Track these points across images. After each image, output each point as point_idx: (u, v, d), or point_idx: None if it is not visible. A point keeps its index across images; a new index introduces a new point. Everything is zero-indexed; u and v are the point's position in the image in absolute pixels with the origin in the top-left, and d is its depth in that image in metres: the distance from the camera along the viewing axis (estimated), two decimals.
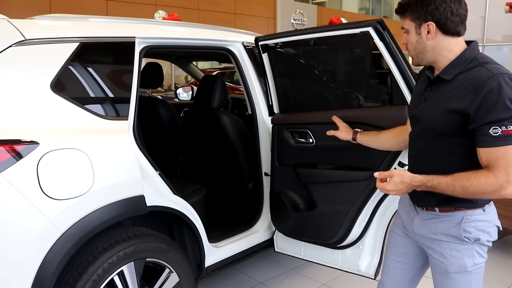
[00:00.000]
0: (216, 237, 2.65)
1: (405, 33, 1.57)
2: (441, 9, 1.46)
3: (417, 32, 1.52)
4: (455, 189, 1.45)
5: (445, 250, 1.61)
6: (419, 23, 1.51)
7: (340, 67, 2.76)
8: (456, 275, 1.60)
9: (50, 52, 1.91)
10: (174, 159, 3.46)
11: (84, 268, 1.87)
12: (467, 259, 1.58)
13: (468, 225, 1.56)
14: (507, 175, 1.38)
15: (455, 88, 1.48)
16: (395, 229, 1.86)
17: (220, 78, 3.05)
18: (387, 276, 1.88)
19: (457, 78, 1.49)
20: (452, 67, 1.50)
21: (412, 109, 1.71)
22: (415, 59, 1.58)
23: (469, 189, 1.42)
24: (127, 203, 1.98)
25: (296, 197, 2.64)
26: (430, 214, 1.65)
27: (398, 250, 1.83)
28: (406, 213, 1.78)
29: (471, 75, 1.45)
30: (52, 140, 1.77)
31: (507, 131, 1.37)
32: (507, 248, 3.75)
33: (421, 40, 1.52)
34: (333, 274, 3.12)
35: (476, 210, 1.57)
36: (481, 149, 1.43)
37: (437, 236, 1.62)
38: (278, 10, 14.33)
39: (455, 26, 1.49)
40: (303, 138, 2.58)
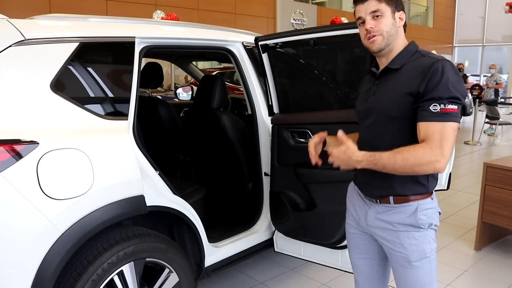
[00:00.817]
0: (216, 237, 2.65)
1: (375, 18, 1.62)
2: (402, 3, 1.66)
3: (393, 16, 1.62)
4: (395, 162, 1.51)
5: (404, 240, 1.66)
6: (395, 9, 1.63)
7: (340, 67, 2.76)
8: (418, 263, 1.66)
9: (50, 52, 1.91)
10: (174, 159, 3.46)
11: (84, 268, 1.87)
12: (425, 245, 1.65)
13: (422, 213, 1.64)
14: (441, 149, 1.47)
15: (402, 75, 1.61)
16: (350, 229, 1.89)
17: (220, 78, 3.05)
18: (359, 274, 1.93)
19: (404, 68, 1.62)
20: (399, 58, 1.64)
21: (360, 105, 1.79)
22: (384, 41, 1.63)
23: (409, 160, 1.49)
24: (127, 203, 1.98)
25: (296, 197, 2.64)
26: (384, 207, 1.69)
27: (360, 247, 1.87)
28: (356, 209, 1.83)
29: (417, 63, 1.59)
30: (52, 140, 1.77)
31: (445, 109, 1.48)
32: (506, 248, 3.76)
33: (395, 24, 1.63)
34: (333, 274, 3.12)
35: (426, 199, 1.66)
36: (420, 123, 1.52)
37: (393, 226, 1.67)
38: (278, 10, 14.32)
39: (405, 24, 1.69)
40: (303, 138, 2.58)
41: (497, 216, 3.53)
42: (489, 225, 3.64)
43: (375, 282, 1.90)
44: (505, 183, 3.42)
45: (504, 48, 20.19)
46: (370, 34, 1.63)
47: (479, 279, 3.24)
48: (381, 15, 1.61)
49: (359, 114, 1.81)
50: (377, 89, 1.69)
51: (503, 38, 20.20)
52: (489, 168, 3.54)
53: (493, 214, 3.55)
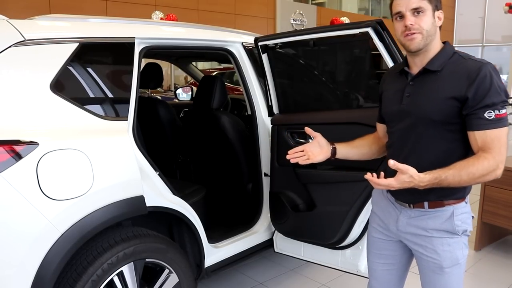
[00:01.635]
0: (216, 237, 2.65)
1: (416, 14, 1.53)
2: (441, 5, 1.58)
3: (433, 15, 1.56)
4: (461, 178, 1.46)
5: (437, 246, 1.62)
6: (435, 7, 1.56)
7: (340, 67, 2.76)
8: (450, 269, 1.62)
9: (50, 52, 1.91)
10: (174, 160, 3.46)
11: (84, 268, 1.87)
12: (458, 252, 1.62)
13: (458, 218, 1.61)
14: (501, 155, 1.46)
15: (445, 78, 1.54)
16: (374, 233, 1.84)
17: (220, 78, 3.05)
18: (375, 279, 1.88)
19: (444, 70, 1.55)
20: (438, 59, 1.57)
21: (392, 106, 1.69)
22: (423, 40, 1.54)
23: (476, 174, 1.45)
24: (127, 203, 1.98)
25: (295, 198, 2.64)
26: (417, 212, 1.65)
27: (382, 253, 1.82)
28: (385, 213, 1.77)
29: (459, 66, 1.53)
30: (51, 141, 1.77)
31: (500, 115, 1.46)
32: (506, 248, 3.76)
33: (435, 23, 1.57)
34: (333, 274, 3.12)
35: (461, 203, 1.62)
36: (476, 132, 1.48)
37: (428, 232, 1.63)
38: (277, 10, 14.32)
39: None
40: (303, 139, 2.58)
41: (496, 216, 3.53)
42: (489, 225, 3.64)
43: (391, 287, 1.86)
44: (505, 184, 3.42)
45: (504, 48, 20.19)
46: (409, 31, 1.53)
47: (479, 279, 3.24)
48: (423, 12, 1.53)
49: (390, 115, 1.73)
50: (413, 90, 1.61)
51: (503, 39, 20.20)
52: None
53: (492, 214, 3.55)
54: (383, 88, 1.82)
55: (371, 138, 1.93)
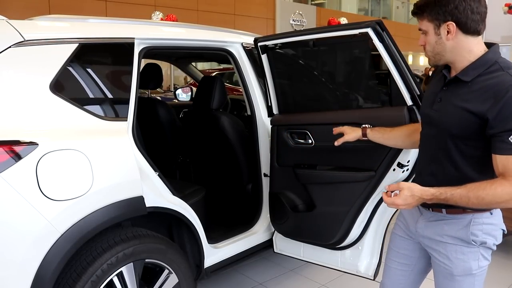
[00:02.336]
0: (216, 238, 2.65)
1: (423, 34, 1.53)
2: (461, 8, 1.42)
3: (436, 33, 1.48)
4: (469, 200, 1.40)
5: (450, 253, 1.59)
6: (438, 23, 1.46)
7: (339, 68, 2.76)
8: (461, 278, 1.58)
9: (49, 53, 1.91)
10: (173, 160, 3.46)
11: (83, 269, 1.87)
12: (472, 262, 1.57)
13: (476, 228, 1.54)
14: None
15: (474, 91, 1.44)
16: (397, 231, 1.84)
17: (219, 79, 3.05)
18: (388, 278, 1.86)
19: (476, 81, 1.45)
20: (473, 68, 1.46)
21: (425, 108, 1.65)
22: (432, 59, 1.55)
23: (485, 199, 1.39)
24: (126, 204, 1.98)
25: (295, 198, 2.64)
26: (436, 215, 1.62)
27: (400, 251, 1.81)
28: (410, 213, 1.75)
29: (492, 79, 1.42)
30: (51, 141, 1.77)
31: None
32: (507, 249, 3.75)
33: (441, 41, 1.48)
34: (332, 275, 3.12)
35: (484, 213, 1.54)
36: (498, 156, 1.40)
37: (443, 238, 1.60)
38: (277, 11, 14.34)
39: (476, 25, 1.45)
40: (302, 139, 2.58)
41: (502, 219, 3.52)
42: None
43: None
44: None
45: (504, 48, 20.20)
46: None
47: None
48: (425, 33, 1.51)
49: (422, 117, 1.69)
50: (444, 97, 1.54)
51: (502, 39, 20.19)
52: None
53: None
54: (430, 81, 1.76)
55: (409, 131, 1.90)
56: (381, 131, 1.99)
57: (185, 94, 4.51)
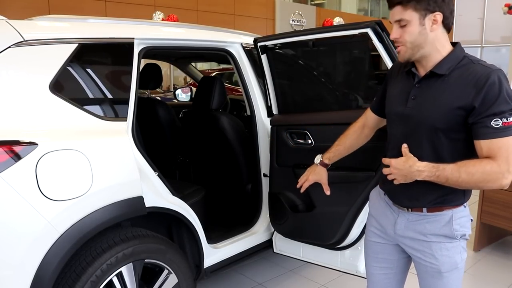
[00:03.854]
0: (215, 238, 2.65)
1: (401, 26, 1.51)
2: (446, 2, 1.49)
3: (421, 23, 1.48)
4: (460, 176, 1.43)
5: (436, 251, 1.60)
6: (424, 13, 1.47)
7: (339, 68, 2.76)
8: (448, 274, 1.61)
9: (49, 53, 1.91)
10: (173, 160, 3.46)
11: (83, 269, 1.87)
12: (457, 256, 1.61)
13: (456, 222, 1.59)
14: (508, 164, 1.41)
15: (452, 84, 1.48)
16: (372, 237, 1.82)
17: (219, 79, 3.05)
18: (374, 284, 1.86)
19: (452, 74, 1.50)
20: (446, 62, 1.51)
21: (396, 107, 1.64)
22: (407, 52, 1.53)
23: (475, 175, 1.42)
24: (126, 204, 1.98)
25: (295, 198, 2.64)
26: (416, 215, 1.63)
27: (379, 256, 1.80)
28: (382, 216, 1.75)
29: (467, 71, 1.47)
30: (50, 141, 1.77)
31: (508, 123, 1.40)
32: (505, 249, 3.76)
33: (424, 31, 1.49)
34: (332, 275, 3.12)
35: (460, 207, 1.60)
36: (482, 141, 1.44)
37: (426, 237, 1.61)
38: (277, 11, 14.34)
39: (450, 21, 1.53)
40: (302, 139, 2.58)
41: (496, 217, 3.53)
42: (488, 226, 3.64)
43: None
44: None
45: (503, 49, 20.20)
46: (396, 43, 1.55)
47: (479, 280, 3.24)
48: (406, 24, 1.49)
49: (393, 116, 1.68)
50: (419, 93, 1.56)
51: (502, 39, 20.21)
52: None
53: (492, 215, 3.55)
54: (389, 83, 1.75)
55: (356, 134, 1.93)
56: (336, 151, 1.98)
57: (184, 94, 4.52)
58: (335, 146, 1.98)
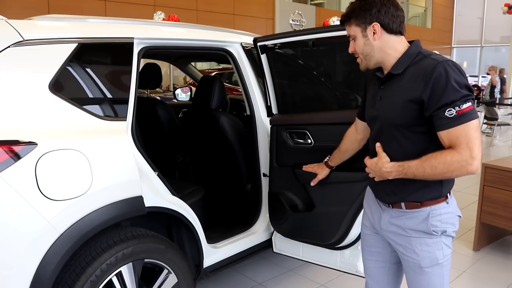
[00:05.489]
0: (215, 237, 2.65)
1: (352, 41, 1.66)
2: (382, 11, 1.58)
3: (364, 35, 1.61)
4: (424, 170, 1.50)
5: (415, 246, 1.65)
6: (364, 26, 1.60)
7: (339, 68, 2.76)
8: (429, 269, 1.65)
9: (49, 52, 1.91)
10: (173, 160, 3.46)
11: (83, 269, 1.87)
12: (437, 252, 1.64)
13: (435, 219, 1.62)
14: (469, 150, 1.44)
15: (406, 81, 1.56)
16: (364, 230, 1.90)
17: (219, 78, 3.05)
18: (370, 277, 1.92)
19: (406, 72, 1.57)
20: (400, 62, 1.59)
21: (369, 111, 1.76)
22: (363, 62, 1.67)
23: (438, 167, 1.48)
24: (126, 203, 1.98)
25: (294, 198, 2.64)
26: (397, 211, 1.68)
27: (372, 250, 1.87)
28: (372, 211, 1.82)
29: (419, 65, 1.54)
30: (50, 141, 1.77)
31: (461, 110, 1.44)
32: (505, 249, 3.76)
33: (368, 41, 1.61)
34: (332, 275, 3.12)
35: (441, 204, 1.62)
36: (441, 132, 1.49)
37: (406, 232, 1.66)
38: (276, 11, 14.33)
39: (397, 26, 1.60)
40: (302, 139, 2.58)
41: (495, 217, 3.53)
42: (487, 226, 3.64)
43: (386, 286, 1.89)
44: (504, 184, 3.43)
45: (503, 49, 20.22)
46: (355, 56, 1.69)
47: (478, 279, 3.24)
48: (354, 38, 1.64)
49: (368, 120, 1.79)
50: (383, 94, 1.65)
51: (501, 39, 20.23)
52: (488, 169, 3.54)
53: (491, 215, 3.55)
54: (367, 88, 1.85)
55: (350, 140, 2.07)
56: (335, 154, 2.20)
57: (184, 94, 4.52)
58: (335, 151, 2.17)
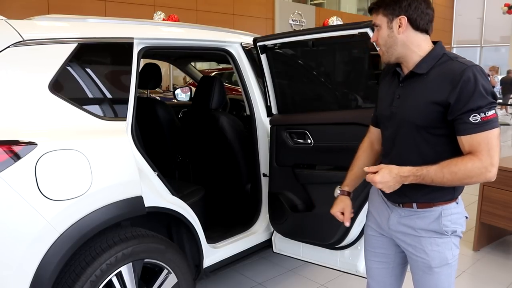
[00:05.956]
0: (215, 238, 2.65)
1: (376, 30, 1.62)
2: (413, 6, 1.54)
3: (389, 27, 1.57)
4: (444, 176, 1.47)
5: (426, 246, 1.64)
6: (391, 17, 1.56)
7: (338, 68, 2.76)
8: (439, 269, 1.64)
9: (49, 52, 1.91)
10: (173, 160, 3.46)
11: (82, 269, 1.87)
12: (447, 252, 1.63)
13: (446, 219, 1.61)
14: (490, 157, 1.44)
15: (430, 81, 1.53)
16: (368, 230, 1.88)
17: (218, 78, 3.05)
18: (372, 278, 1.90)
19: (431, 72, 1.54)
20: (425, 62, 1.56)
21: (384, 109, 1.71)
22: (385, 54, 1.63)
23: (458, 174, 1.46)
24: (125, 204, 1.98)
25: (294, 198, 2.64)
26: (407, 211, 1.67)
27: (376, 251, 1.85)
28: (378, 211, 1.80)
29: (445, 68, 1.51)
30: (50, 141, 1.77)
31: (486, 117, 1.43)
32: (505, 249, 3.76)
33: (392, 34, 1.57)
34: (332, 275, 3.12)
35: (451, 203, 1.62)
36: (463, 137, 1.47)
37: (417, 232, 1.65)
38: (276, 11, 14.34)
39: (424, 23, 1.57)
40: (301, 139, 2.58)
41: (495, 217, 3.53)
42: (487, 226, 3.64)
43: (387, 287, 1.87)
44: (503, 184, 3.43)
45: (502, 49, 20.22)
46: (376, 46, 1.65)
47: (478, 279, 3.24)
48: (378, 27, 1.61)
49: (382, 117, 1.74)
50: (403, 92, 1.61)
51: (501, 39, 20.23)
52: None
53: (491, 215, 3.55)
54: (380, 87, 1.82)
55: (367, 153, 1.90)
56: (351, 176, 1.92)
57: (184, 94, 4.51)
58: (350, 172, 1.93)
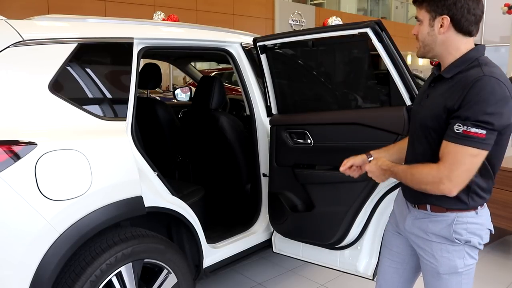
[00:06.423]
0: (215, 238, 2.65)
1: (418, 24, 1.55)
2: (459, 5, 1.44)
3: (430, 24, 1.50)
4: (406, 176, 1.52)
5: (436, 251, 1.60)
6: (434, 15, 1.48)
7: (338, 68, 2.76)
8: (447, 276, 1.60)
9: (48, 52, 1.91)
10: (172, 160, 3.45)
11: (82, 269, 1.87)
12: (458, 260, 1.58)
13: (459, 227, 1.55)
14: (449, 171, 1.40)
15: (451, 87, 1.47)
16: (389, 227, 1.88)
17: (218, 79, 3.05)
18: (383, 277, 1.89)
19: (455, 77, 1.48)
20: (455, 66, 1.49)
21: (415, 104, 1.73)
22: (421, 50, 1.57)
23: (415, 176, 1.49)
24: (125, 204, 1.98)
25: (294, 198, 2.64)
26: (422, 213, 1.64)
27: (392, 249, 1.83)
28: (400, 211, 1.79)
29: (467, 74, 1.44)
30: (50, 141, 1.77)
31: (467, 132, 1.36)
32: (505, 249, 3.76)
33: (433, 32, 1.50)
34: (331, 274, 3.12)
35: (468, 212, 1.55)
36: (443, 140, 1.44)
37: (428, 236, 1.62)
38: (276, 11, 14.34)
39: (469, 25, 1.47)
40: (301, 139, 2.58)
41: (495, 217, 3.50)
42: None
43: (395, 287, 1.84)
44: (503, 184, 3.43)
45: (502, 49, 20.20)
46: None
47: (478, 279, 3.22)
48: (420, 22, 1.53)
49: (412, 112, 1.73)
50: (430, 93, 1.58)
51: (501, 39, 20.20)
52: None
53: (491, 215, 3.53)
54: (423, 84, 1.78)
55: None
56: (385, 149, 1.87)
57: (184, 94, 4.51)
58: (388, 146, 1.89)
